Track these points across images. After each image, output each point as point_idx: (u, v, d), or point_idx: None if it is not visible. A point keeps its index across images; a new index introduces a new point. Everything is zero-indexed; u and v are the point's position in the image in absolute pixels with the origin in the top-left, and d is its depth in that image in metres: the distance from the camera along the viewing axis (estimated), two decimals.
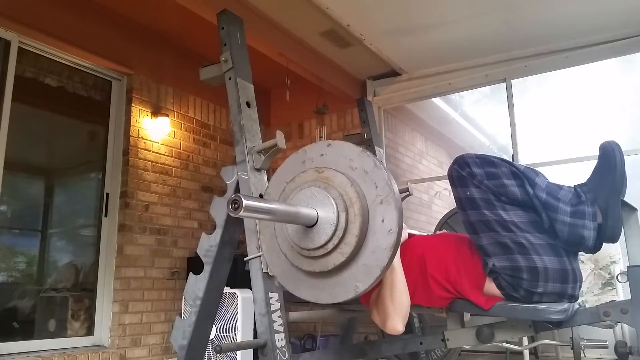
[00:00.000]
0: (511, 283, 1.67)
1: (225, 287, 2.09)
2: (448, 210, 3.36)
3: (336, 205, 1.23)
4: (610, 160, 1.62)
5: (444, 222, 3.16)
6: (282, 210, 1.20)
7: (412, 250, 1.90)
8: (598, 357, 3.20)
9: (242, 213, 1.07)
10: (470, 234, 1.76)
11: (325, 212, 1.23)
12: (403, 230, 1.97)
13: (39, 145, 3.65)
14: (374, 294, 1.80)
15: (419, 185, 5.20)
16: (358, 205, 1.22)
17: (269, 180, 1.59)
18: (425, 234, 2.30)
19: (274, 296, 1.62)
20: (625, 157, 1.63)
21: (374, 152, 3.29)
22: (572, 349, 2.84)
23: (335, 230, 1.22)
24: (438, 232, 2.47)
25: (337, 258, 1.22)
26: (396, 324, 1.69)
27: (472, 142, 6.31)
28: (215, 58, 1.94)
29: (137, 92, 3.86)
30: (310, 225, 1.24)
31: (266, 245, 1.43)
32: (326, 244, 1.22)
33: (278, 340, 1.56)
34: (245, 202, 1.06)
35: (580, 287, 1.71)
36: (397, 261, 1.76)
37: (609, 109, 4.39)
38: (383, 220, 1.21)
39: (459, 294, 1.78)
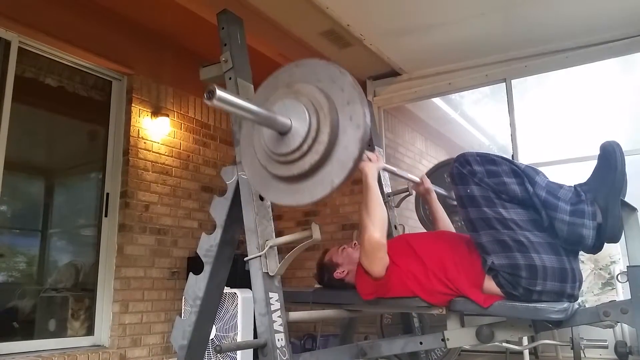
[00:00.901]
0: (510, 281, 1.67)
1: (225, 287, 2.09)
2: (432, 166, 3.35)
3: (307, 110, 1.33)
4: (610, 160, 1.63)
5: (433, 172, 3.16)
6: (256, 110, 1.29)
7: (411, 246, 1.91)
8: (598, 357, 3.20)
9: (215, 102, 1.15)
10: (470, 231, 1.76)
11: (298, 117, 1.33)
12: (380, 160, 2.10)
13: (39, 145, 3.65)
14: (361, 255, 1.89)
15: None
16: (327, 106, 1.31)
17: None
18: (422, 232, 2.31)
19: (274, 296, 1.62)
20: (625, 157, 1.63)
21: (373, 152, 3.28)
22: (572, 348, 2.84)
23: (309, 131, 1.31)
24: (434, 231, 2.49)
25: (312, 157, 1.31)
26: (373, 233, 1.81)
27: (472, 142, 6.31)
28: (215, 58, 1.94)
29: (137, 92, 3.86)
30: (285, 132, 1.34)
31: (247, 164, 1.53)
32: (301, 145, 1.31)
33: (278, 340, 1.56)
34: (219, 92, 1.15)
35: (580, 287, 1.72)
36: (372, 180, 1.92)
37: (609, 109, 4.39)
38: (351, 118, 1.30)
39: (458, 292, 1.78)
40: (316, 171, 1.33)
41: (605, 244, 1.66)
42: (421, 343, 2.07)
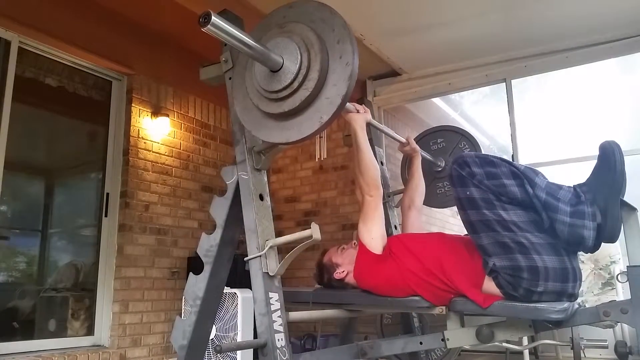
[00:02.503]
0: (511, 282, 1.67)
1: (226, 287, 2.09)
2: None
3: (298, 47, 1.36)
4: (609, 160, 1.63)
5: (420, 139, 3.19)
6: (250, 43, 1.30)
7: (407, 246, 1.91)
8: (598, 357, 3.20)
9: (209, 27, 1.18)
10: (470, 233, 1.76)
11: (289, 55, 1.37)
12: (367, 113, 2.14)
13: (39, 145, 3.65)
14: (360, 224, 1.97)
15: None
16: (318, 45, 1.35)
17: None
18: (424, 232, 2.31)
19: (274, 296, 1.62)
20: (625, 157, 1.63)
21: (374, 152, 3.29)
22: (572, 348, 2.84)
23: (300, 68, 1.35)
24: (432, 232, 2.50)
25: (302, 94, 1.35)
26: (368, 190, 1.92)
27: None
28: (215, 58, 1.94)
29: (137, 92, 3.86)
30: (277, 69, 1.37)
31: (239, 105, 1.57)
32: (292, 82, 1.35)
33: (278, 340, 1.56)
34: (215, 18, 1.18)
35: (580, 285, 1.72)
36: (362, 136, 2.00)
37: (608, 109, 4.40)
38: (341, 57, 1.34)
39: (457, 291, 1.78)
40: (306, 108, 1.37)
41: (605, 243, 1.66)
42: (421, 343, 2.07)
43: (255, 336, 2.54)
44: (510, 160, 2.22)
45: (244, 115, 1.56)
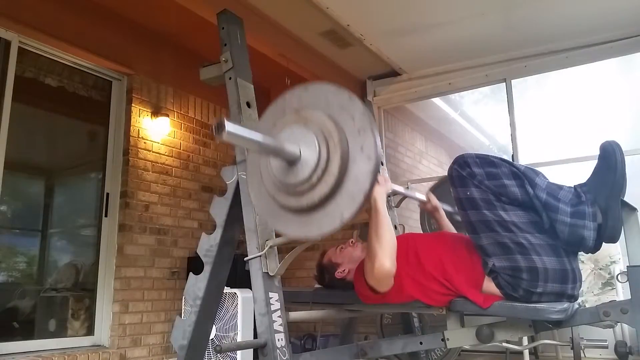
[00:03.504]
0: (511, 283, 1.67)
1: (225, 287, 2.09)
2: (435, 183, 3.34)
3: (316, 138, 1.27)
4: (610, 160, 1.62)
5: (439, 186, 3.14)
6: (265, 142, 1.24)
7: (408, 246, 1.90)
8: (598, 357, 3.20)
9: (224, 136, 1.10)
10: (470, 233, 1.76)
11: (307, 147, 1.28)
12: (388, 182, 2.02)
13: (39, 145, 3.65)
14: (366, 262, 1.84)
15: (419, 185, 5.18)
16: (337, 136, 1.26)
17: None
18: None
19: (274, 296, 1.62)
20: (625, 157, 1.63)
21: None
22: (572, 348, 2.84)
23: (318, 161, 1.26)
24: (434, 232, 2.49)
25: (322, 189, 1.26)
26: (383, 262, 1.72)
27: (472, 142, 6.31)
28: (215, 58, 1.94)
29: (137, 92, 3.86)
30: (293, 160, 1.29)
31: (254, 192, 1.47)
32: (311, 176, 1.26)
33: (278, 340, 1.56)
34: (228, 125, 1.10)
35: (580, 287, 1.72)
36: (381, 206, 1.82)
37: (609, 109, 4.39)
38: (362, 149, 1.25)
39: (457, 292, 1.78)
40: (325, 203, 1.27)
41: (605, 243, 1.66)
42: (421, 343, 2.07)
43: (255, 336, 2.54)
44: (511, 160, 2.22)
45: (258, 203, 1.46)
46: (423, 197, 2.51)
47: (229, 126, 1.11)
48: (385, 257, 1.72)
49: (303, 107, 1.37)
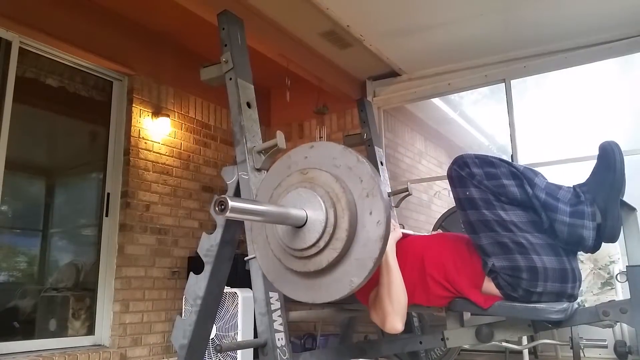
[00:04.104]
0: (510, 283, 1.67)
1: (226, 287, 2.10)
2: (445, 211, 3.36)
3: (323, 202, 1.24)
4: (609, 160, 1.63)
5: (439, 225, 3.16)
6: (270, 211, 1.21)
7: (410, 250, 1.90)
8: (597, 357, 3.21)
9: (228, 214, 1.06)
10: (469, 233, 1.76)
11: (314, 211, 1.24)
12: (397, 229, 1.98)
13: (40, 146, 3.65)
14: (372, 293, 1.81)
15: (419, 185, 5.20)
16: (345, 200, 1.23)
17: None
18: (422, 234, 2.31)
19: (274, 296, 1.63)
20: (624, 157, 1.63)
21: (373, 152, 3.29)
22: (571, 348, 2.84)
23: (325, 226, 1.22)
24: (434, 232, 2.48)
25: (330, 254, 1.23)
26: (395, 323, 1.70)
27: (472, 142, 6.32)
28: (216, 58, 1.94)
29: (138, 93, 3.87)
30: (300, 225, 1.25)
31: (260, 252, 1.43)
32: (318, 241, 1.23)
33: (278, 339, 1.57)
34: (231, 203, 1.06)
35: (579, 286, 1.72)
36: (392, 260, 1.77)
37: (608, 109, 4.39)
38: (371, 213, 1.22)
39: (458, 293, 1.78)
40: (333, 269, 1.25)
41: (604, 243, 1.66)
42: (421, 342, 2.07)
43: (255, 336, 2.55)
44: (510, 160, 2.22)
45: (264, 264, 1.42)
46: None
47: (232, 204, 1.07)
48: (397, 317, 1.70)
49: (309, 168, 1.33)
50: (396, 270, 1.76)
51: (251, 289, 1.65)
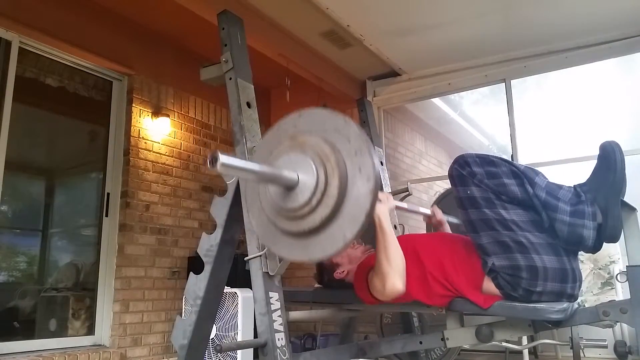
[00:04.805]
0: (510, 282, 1.67)
1: (226, 287, 2.10)
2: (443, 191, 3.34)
3: (313, 162, 1.28)
4: (610, 160, 1.63)
5: (443, 198, 3.15)
6: (261, 170, 1.26)
7: (408, 247, 1.91)
8: (597, 357, 3.21)
9: (218, 168, 1.13)
10: (470, 232, 1.77)
11: (305, 171, 1.28)
12: (390, 199, 2.00)
13: (39, 146, 3.65)
14: (370, 273, 1.83)
15: (419, 185, 5.20)
16: (334, 158, 1.27)
17: None
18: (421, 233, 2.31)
19: (274, 296, 1.63)
20: (625, 157, 1.63)
21: None
22: (571, 348, 2.84)
23: (317, 185, 1.26)
24: (433, 232, 2.48)
25: (322, 211, 1.26)
26: (395, 281, 1.72)
27: (472, 142, 6.32)
28: (216, 58, 1.94)
29: (138, 93, 3.86)
30: (292, 186, 1.29)
31: (255, 220, 1.47)
32: (310, 199, 1.27)
33: (278, 339, 1.57)
34: (222, 158, 1.13)
35: (579, 286, 1.72)
36: (387, 224, 1.80)
37: (608, 109, 4.39)
38: (360, 170, 1.26)
39: (458, 293, 1.78)
40: (327, 225, 1.28)
41: (605, 243, 1.66)
42: (421, 342, 2.08)
43: (255, 336, 2.55)
44: (510, 160, 2.22)
45: (260, 230, 1.47)
46: (427, 212, 2.49)
47: (223, 158, 1.15)
48: (397, 277, 1.73)
49: (298, 133, 1.37)
50: (391, 233, 1.80)
51: (251, 289, 1.65)
